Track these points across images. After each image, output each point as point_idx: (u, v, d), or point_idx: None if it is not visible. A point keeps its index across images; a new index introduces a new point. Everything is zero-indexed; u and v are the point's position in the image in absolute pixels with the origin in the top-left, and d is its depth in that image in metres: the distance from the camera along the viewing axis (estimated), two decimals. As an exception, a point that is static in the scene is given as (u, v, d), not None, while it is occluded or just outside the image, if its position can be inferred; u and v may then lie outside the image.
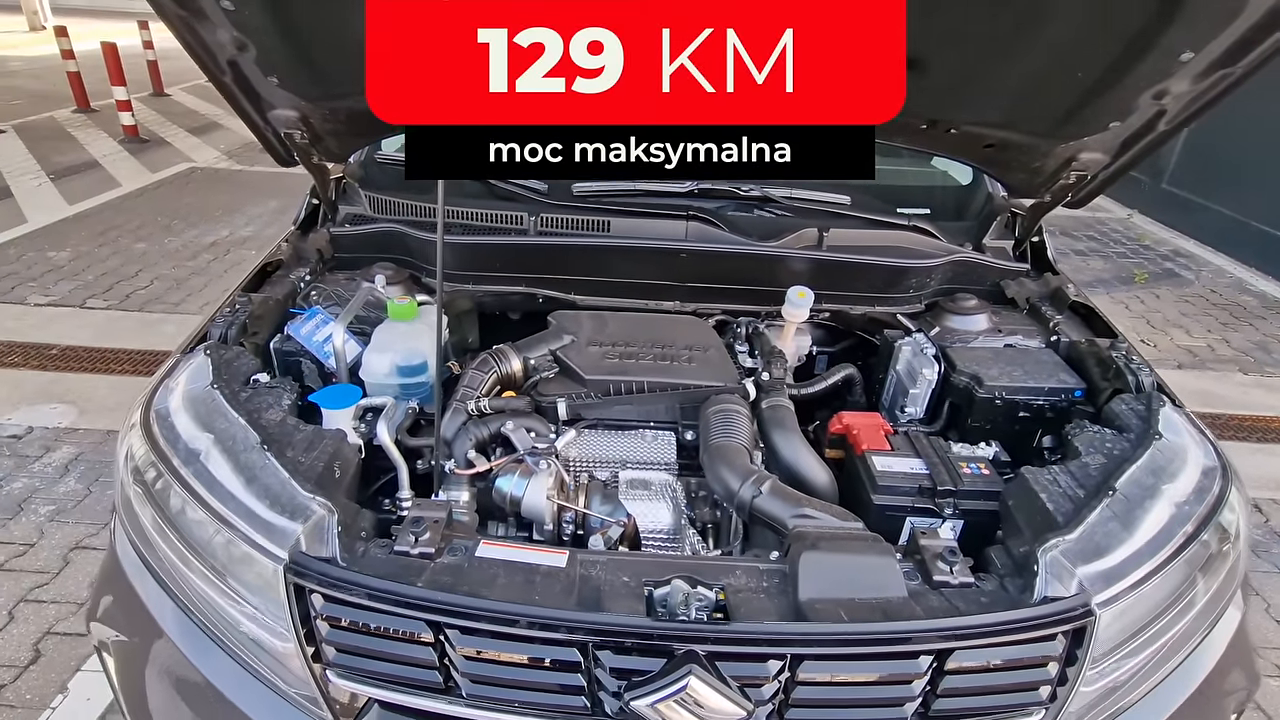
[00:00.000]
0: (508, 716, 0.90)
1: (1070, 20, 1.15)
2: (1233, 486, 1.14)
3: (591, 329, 1.47)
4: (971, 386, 1.40)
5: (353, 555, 0.96)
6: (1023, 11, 1.15)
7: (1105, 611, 0.93)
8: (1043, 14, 1.15)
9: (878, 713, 0.91)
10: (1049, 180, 1.57)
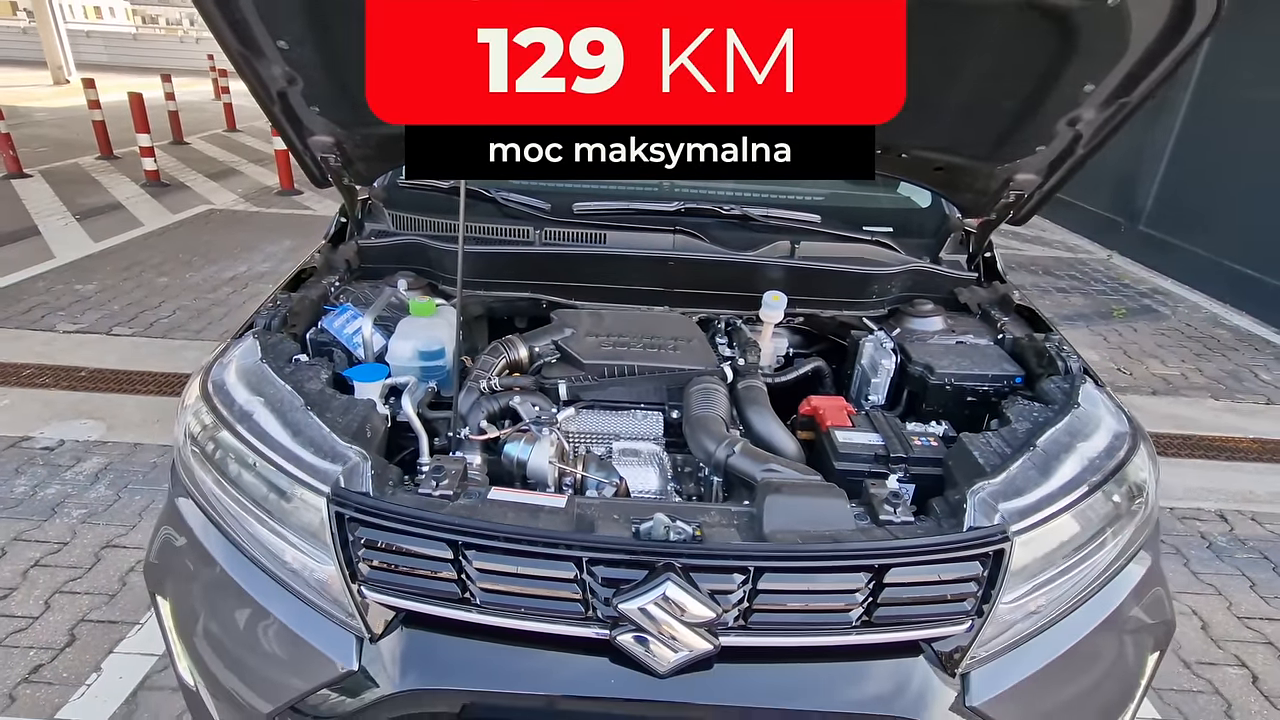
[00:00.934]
0: (515, 621, 1.06)
1: (988, 58, 1.38)
2: (1141, 448, 1.32)
3: (589, 323, 1.66)
4: (925, 375, 1.59)
5: (383, 495, 1.13)
6: (948, 50, 1.37)
7: (1020, 539, 1.10)
8: (964, 53, 1.37)
9: (827, 618, 1.07)
10: (993, 200, 1.78)
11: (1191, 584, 2.54)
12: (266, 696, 1.13)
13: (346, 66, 1.55)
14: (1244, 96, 5.31)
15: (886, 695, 1.08)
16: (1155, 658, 1.33)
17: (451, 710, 1.11)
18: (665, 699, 1.06)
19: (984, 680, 1.11)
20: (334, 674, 1.10)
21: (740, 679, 1.08)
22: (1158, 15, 1.22)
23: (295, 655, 1.14)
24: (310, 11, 1.38)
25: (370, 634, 1.11)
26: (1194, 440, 3.50)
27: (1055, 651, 1.16)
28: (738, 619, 1.05)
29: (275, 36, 1.40)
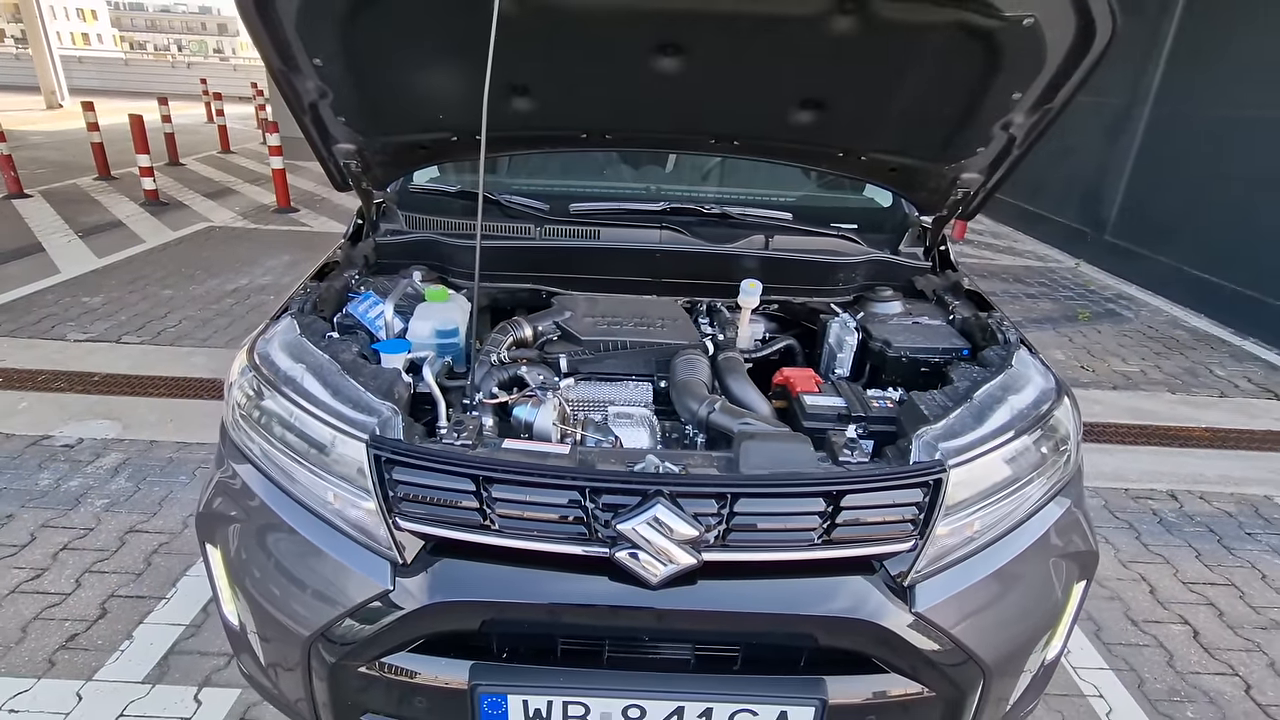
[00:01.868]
0: (528, 543, 1.24)
1: (929, 71, 1.60)
2: (1065, 402, 1.53)
3: (586, 307, 1.86)
4: (884, 349, 1.80)
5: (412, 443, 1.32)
6: (894, 65, 1.60)
7: (954, 471, 1.30)
8: (908, 67, 1.60)
9: (792, 536, 1.26)
10: (943, 197, 2.00)
11: (1142, 554, 2.75)
12: (313, 617, 1.31)
13: (371, 82, 1.76)
14: (1198, 115, 5.64)
15: (844, 603, 1.27)
16: (1081, 586, 1.52)
17: (472, 625, 1.29)
18: (656, 607, 1.24)
19: (927, 591, 1.30)
20: (372, 593, 1.28)
21: (719, 591, 1.27)
22: (1066, 34, 1.45)
23: (337, 581, 1.31)
24: (343, 35, 1.59)
25: (403, 560, 1.28)
26: (1150, 430, 3.74)
27: (987, 570, 1.35)
28: (717, 538, 1.24)
29: (312, 55, 1.60)
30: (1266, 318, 4.90)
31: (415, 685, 1.32)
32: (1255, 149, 5.06)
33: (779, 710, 1.28)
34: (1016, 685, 1.48)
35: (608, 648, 1.33)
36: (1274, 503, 3.12)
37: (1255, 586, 2.60)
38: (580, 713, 1.29)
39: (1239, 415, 3.92)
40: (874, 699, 1.32)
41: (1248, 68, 5.19)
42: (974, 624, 1.33)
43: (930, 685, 1.31)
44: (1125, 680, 2.17)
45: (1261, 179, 5.01)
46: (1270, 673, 2.22)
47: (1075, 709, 2.07)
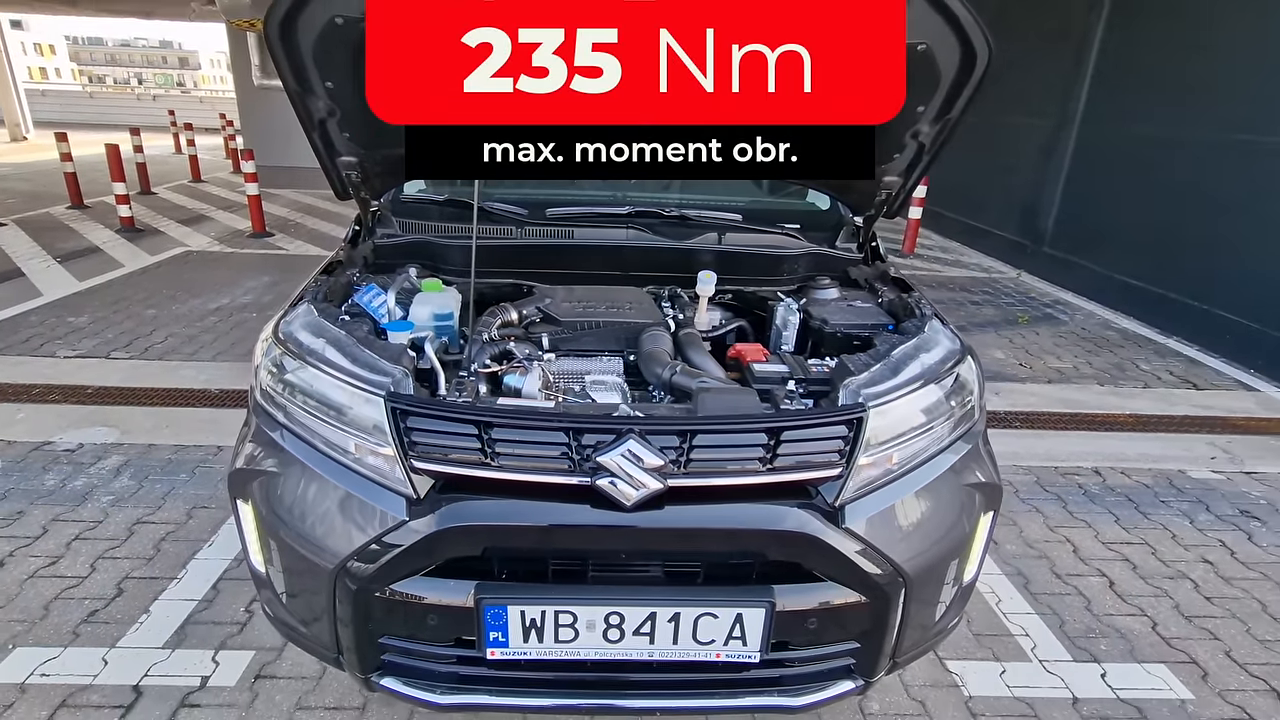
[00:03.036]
0: (522, 475, 1.49)
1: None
2: (969, 361, 1.82)
3: (564, 294, 2.12)
4: (822, 326, 2.09)
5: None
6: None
7: (873, 411, 1.58)
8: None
9: (741, 464, 1.52)
10: (870, 198, 2.32)
11: (1067, 520, 3.06)
12: (338, 548, 1.53)
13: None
14: (1121, 134, 6.14)
15: (786, 521, 1.53)
16: (989, 516, 1.81)
17: (476, 550, 1.52)
18: (631, 525, 1.49)
19: (854, 512, 1.56)
20: (390, 524, 1.51)
21: (683, 515, 1.52)
22: (954, 58, 1.78)
23: (360, 517, 1.54)
24: (352, 61, 1.84)
25: (417, 496, 1.52)
26: (1079, 417, 4.10)
27: (904, 495, 1.63)
28: (679, 466, 1.50)
29: (324, 79, 1.86)
30: (1186, 317, 5.35)
31: (427, 605, 1.54)
32: (1172, 165, 5.55)
33: (735, 612, 1.53)
34: (938, 600, 1.75)
35: (591, 568, 1.58)
36: (1187, 476, 3.47)
37: (1166, 544, 2.93)
38: (569, 620, 1.53)
39: (1160, 403, 4.30)
40: (814, 607, 1.58)
41: (1161, 91, 5.71)
42: (894, 539, 1.59)
43: (860, 591, 1.57)
44: (1049, 622, 2.46)
45: (1177, 192, 5.50)
46: (1175, 613, 2.53)
47: (1004, 646, 2.34)
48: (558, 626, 1.53)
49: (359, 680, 1.67)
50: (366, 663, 1.63)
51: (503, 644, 1.55)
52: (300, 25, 1.69)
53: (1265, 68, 4.84)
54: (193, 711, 1.98)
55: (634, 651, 1.56)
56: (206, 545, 2.65)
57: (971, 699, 2.13)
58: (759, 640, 1.55)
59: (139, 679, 2.07)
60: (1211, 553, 2.88)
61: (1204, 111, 5.29)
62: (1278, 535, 3.01)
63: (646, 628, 1.54)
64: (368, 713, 1.99)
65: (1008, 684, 2.18)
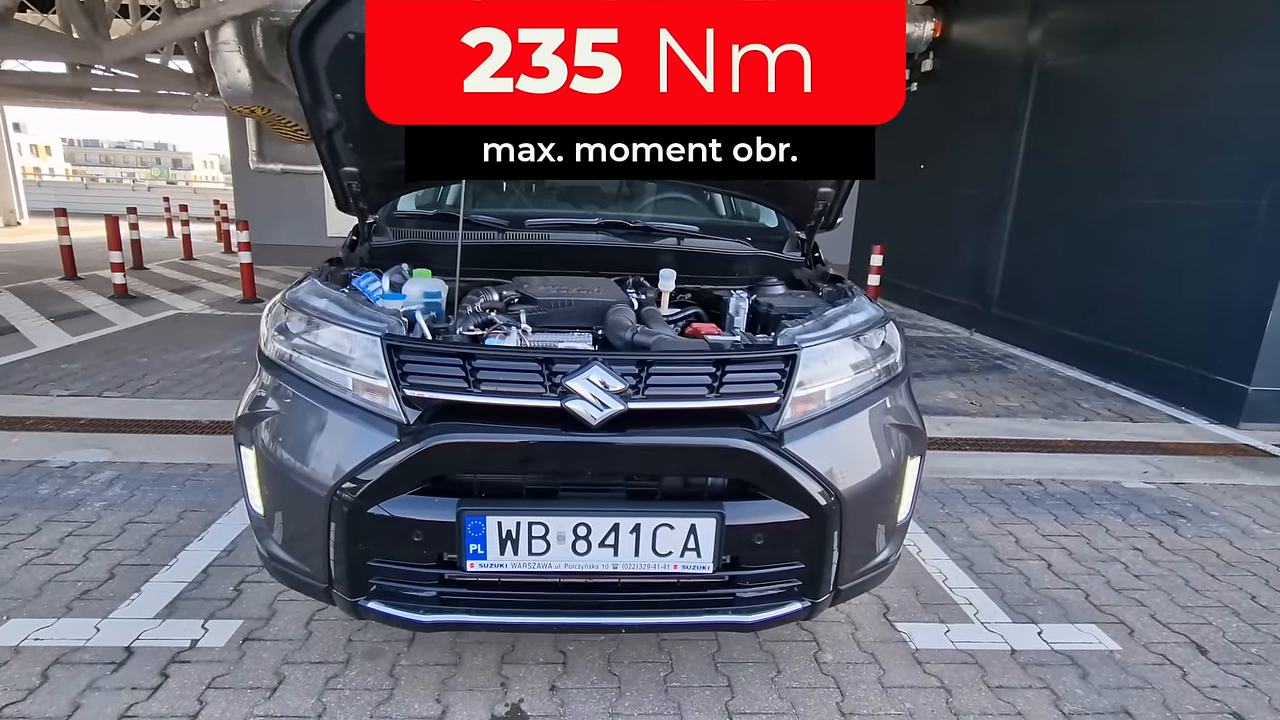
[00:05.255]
0: (503, 399, 1.72)
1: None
2: (890, 325, 2.12)
3: (539, 280, 2.41)
4: (768, 310, 2.38)
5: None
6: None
7: (805, 350, 1.85)
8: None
9: (692, 391, 1.76)
10: (809, 210, 2.67)
11: (1010, 519, 3.29)
12: (335, 471, 1.73)
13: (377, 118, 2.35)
14: (1051, 203, 6.75)
15: (733, 437, 1.77)
16: (917, 461, 2.06)
17: (458, 468, 1.73)
18: (596, 442, 1.72)
19: (792, 437, 1.80)
20: (384, 444, 1.72)
21: (642, 434, 1.75)
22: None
23: (355, 443, 1.74)
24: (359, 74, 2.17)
25: (408, 421, 1.74)
26: (1024, 441, 4.38)
27: (836, 426, 1.88)
28: (638, 391, 1.74)
29: (334, 91, 2.19)
30: (1122, 363, 5.75)
31: (414, 522, 1.73)
32: (1096, 228, 6.11)
33: (689, 523, 1.73)
34: (873, 531, 1.97)
35: (561, 487, 1.79)
36: (1121, 485, 3.73)
37: (1100, 536, 3.15)
38: (541, 532, 1.72)
39: (1099, 432, 4.61)
40: (761, 523, 1.79)
41: (1082, 164, 6.35)
42: (828, 464, 1.82)
43: (800, 507, 1.79)
44: (991, 595, 2.64)
45: (1103, 252, 6.02)
46: (1106, 587, 2.73)
47: (949, 611, 2.52)
48: (531, 538, 1.72)
49: (347, 607, 1.83)
50: (356, 586, 1.79)
51: (481, 556, 1.73)
52: (318, 41, 2.02)
53: (1163, 142, 5.47)
54: (182, 667, 2.08)
55: (600, 564, 1.75)
56: (197, 539, 2.77)
57: (918, 651, 2.29)
58: (711, 552, 1.75)
59: (130, 642, 2.17)
60: (1141, 542, 3.10)
61: (1117, 180, 5.89)
62: (1201, 529, 3.25)
63: (611, 539, 1.73)
64: (352, 666, 2.11)
65: (952, 640, 2.35)
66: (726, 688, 2.07)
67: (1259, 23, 4.78)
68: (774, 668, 2.17)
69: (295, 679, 2.04)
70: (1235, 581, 2.81)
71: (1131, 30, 5.84)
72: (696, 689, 2.06)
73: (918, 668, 2.21)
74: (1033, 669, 2.22)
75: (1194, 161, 5.21)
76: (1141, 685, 2.17)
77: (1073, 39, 6.58)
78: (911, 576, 2.73)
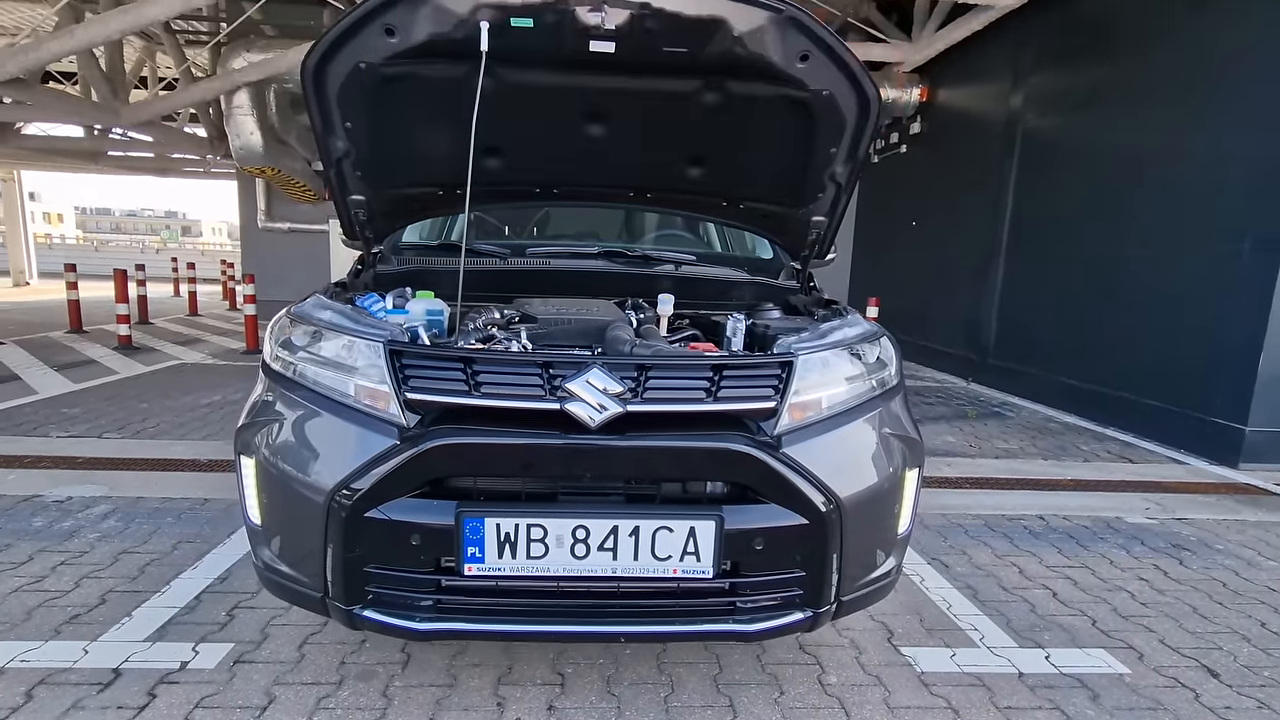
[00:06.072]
0: (503, 401, 1.74)
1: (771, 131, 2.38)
2: (884, 339, 2.16)
3: (540, 301, 2.46)
4: (765, 330, 2.43)
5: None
6: (749, 132, 2.39)
7: (801, 358, 1.88)
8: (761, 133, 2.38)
9: (688, 394, 1.79)
10: (803, 239, 2.74)
11: (1014, 551, 3.25)
12: (336, 473, 1.73)
13: (383, 145, 2.44)
14: (1038, 257, 6.90)
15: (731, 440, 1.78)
16: (915, 473, 2.06)
17: (460, 470, 1.74)
18: (595, 444, 1.73)
19: (790, 442, 1.82)
20: (384, 447, 1.73)
21: (640, 437, 1.77)
22: (852, 103, 2.26)
23: (354, 446, 1.76)
24: (368, 105, 2.26)
25: (408, 426, 1.76)
26: (1027, 481, 4.36)
27: (833, 433, 1.89)
28: (636, 394, 1.77)
29: (344, 120, 2.28)
30: (1118, 408, 5.77)
31: (412, 526, 1.72)
32: (1088, 277, 6.23)
33: (689, 525, 1.73)
34: (873, 541, 1.96)
35: (560, 490, 1.79)
36: (1124, 520, 3.70)
37: (1104, 567, 3.12)
38: (540, 535, 1.72)
39: (1099, 472, 4.60)
40: (760, 527, 1.79)
41: (1066, 218, 6.52)
42: (825, 469, 1.83)
43: (799, 512, 1.79)
44: (996, 621, 2.60)
45: (1094, 300, 6.13)
46: (1113, 614, 2.69)
47: (954, 636, 2.48)
48: (529, 541, 1.72)
49: (342, 616, 1.81)
50: (352, 594, 1.78)
51: (479, 559, 1.72)
52: (330, 70, 2.11)
53: (1146, 194, 5.64)
54: (171, 688, 2.03)
55: (598, 568, 1.74)
56: (191, 568, 2.74)
57: (924, 673, 2.24)
58: (711, 556, 1.74)
59: (118, 664, 2.12)
60: (1146, 573, 3.06)
61: (1105, 231, 6.05)
62: (1207, 561, 3.22)
63: (609, 542, 1.73)
64: (344, 686, 2.06)
65: (958, 663, 2.30)
66: (729, 707, 2.02)
67: (1229, 82, 5.01)
68: (777, 689, 2.12)
69: (286, 699, 2.00)
70: (1244, 609, 2.76)
71: (1110, 92, 6.10)
72: (698, 709, 2.01)
73: (924, 689, 2.16)
74: (1042, 691, 2.17)
75: (1178, 211, 5.37)
76: (1154, 707, 2.12)
77: (1053, 100, 6.87)
78: (915, 604, 2.69)
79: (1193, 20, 5.32)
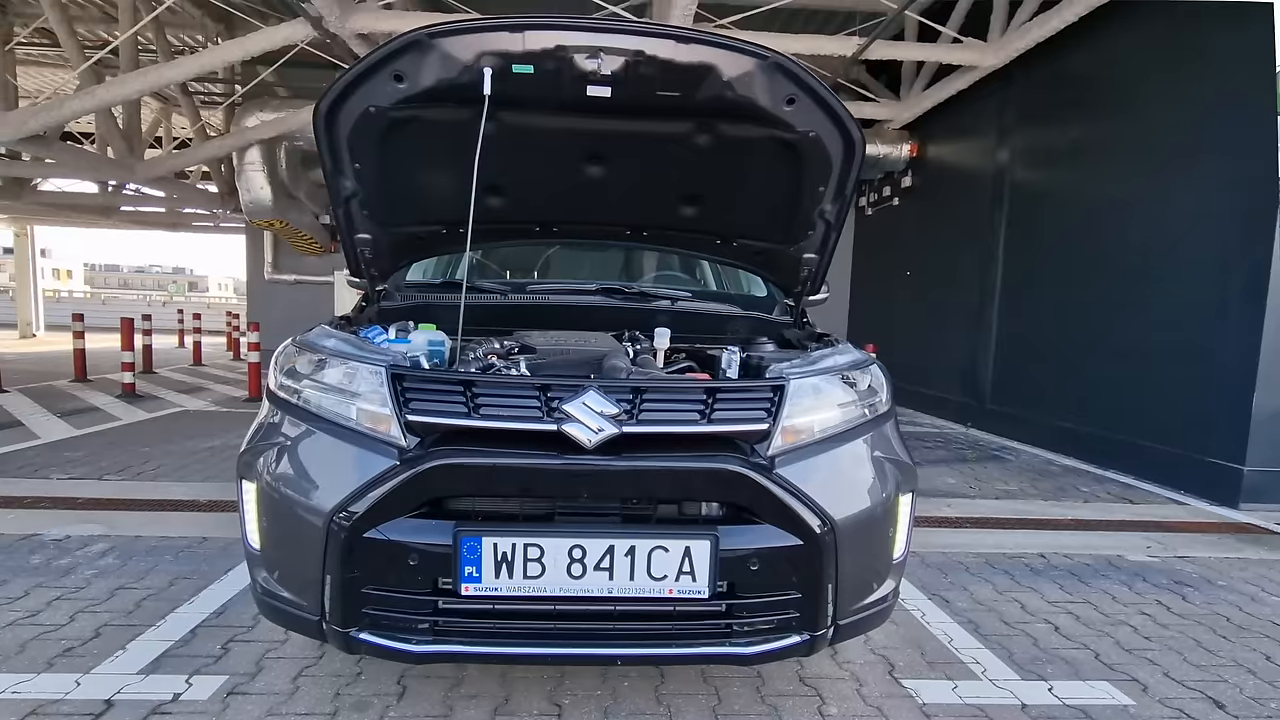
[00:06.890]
0: (501, 423, 1.77)
1: (764, 175, 2.49)
2: (875, 367, 2.21)
3: (539, 333, 2.52)
4: (759, 362, 2.48)
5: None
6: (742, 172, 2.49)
7: (793, 382, 1.93)
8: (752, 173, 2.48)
9: (682, 416, 1.83)
10: (795, 276, 2.82)
11: (1015, 587, 3.23)
12: (336, 494, 1.76)
13: (390, 185, 2.54)
14: (1031, 302, 7.01)
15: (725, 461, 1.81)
16: (909, 497, 2.09)
17: (458, 489, 1.77)
18: (592, 465, 1.76)
19: (783, 464, 1.85)
20: (384, 468, 1.76)
21: (635, 458, 1.80)
22: (839, 144, 2.36)
23: (354, 468, 1.79)
24: (377, 147, 2.37)
25: (408, 447, 1.80)
26: (1028, 520, 4.35)
27: (825, 456, 1.93)
28: (632, 415, 1.81)
29: (354, 161, 2.39)
30: (1117, 450, 5.77)
31: (410, 546, 1.74)
32: (1082, 322, 6.32)
33: (684, 545, 1.75)
34: (869, 564, 1.97)
35: (557, 511, 1.82)
36: (1124, 559, 3.68)
37: (1106, 603, 3.09)
38: (537, 554, 1.74)
39: (1100, 512, 4.58)
40: (755, 548, 1.81)
41: (1055, 268, 6.65)
42: (819, 490, 1.86)
43: (794, 533, 1.81)
44: (998, 654, 2.57)
45: (1090, 345, 6.20)
46: (1116, 647, 2.66)
47: (955, 669, 2.45)
48: (526, 561, 1.74)
49: (339, 639, 1.81)
50: (349, 617, 1.78)
51: (476, 579, 1.74)
52: (341, 113, 2.22)
53: (1136, 240, 5.78)
54: (163, 719, 2.01)
55: (595, 588, 1.76)
56: (187, 603, 2.73)
57: (926, 705, 2.22)
58: (706, 576, 1.76)
59: (111, 695, 2.11)
60: (1148, 608, 3.04)
61: (1097, 277, 6.16)
62: (1210, 596, 3.19)
63: (606, 561, 1.75)
64: (338, 717, 2.04)
65: (960, 695, 2.28)
66: (726, 737, 2.00)
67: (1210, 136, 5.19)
68: (776, 719, 2.10)
69: (279, 729, 1.97)
70: (1248, 643, 2.73)
71: (1095, 146, 6.30)
72: (695, 738, 1.99)
73: (925, 720, 2.13)
74: (1044, 722, 2.14)
75: (1167, 256, 5.49)
76: (1158, 737, 2.09)
77: (1037, 154, 7.09)
78: (916, 638, 2.67)
79: (1165, 79, 5.54)
